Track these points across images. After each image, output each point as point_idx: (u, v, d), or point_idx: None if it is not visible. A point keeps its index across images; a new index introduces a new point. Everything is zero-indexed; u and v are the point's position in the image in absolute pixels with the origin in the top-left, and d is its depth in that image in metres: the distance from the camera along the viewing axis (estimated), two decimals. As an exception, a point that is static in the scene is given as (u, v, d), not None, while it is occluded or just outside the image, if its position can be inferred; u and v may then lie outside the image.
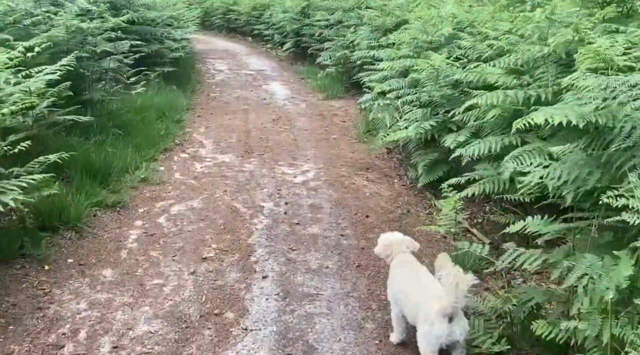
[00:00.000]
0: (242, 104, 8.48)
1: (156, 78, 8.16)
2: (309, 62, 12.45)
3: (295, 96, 9.35)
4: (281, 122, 7.45)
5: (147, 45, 8.38)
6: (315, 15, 11.91)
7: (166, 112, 6.82)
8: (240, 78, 10.92)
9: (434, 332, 2.32)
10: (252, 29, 16.74)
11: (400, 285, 2.69)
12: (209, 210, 4.35)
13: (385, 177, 5.36)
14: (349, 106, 8.66)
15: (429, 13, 6.52)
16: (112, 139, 5.25)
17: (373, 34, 8.93)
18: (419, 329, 2.43)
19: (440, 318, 2.29)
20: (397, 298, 2.69)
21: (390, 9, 9.39)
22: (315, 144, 6.47)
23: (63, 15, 4.83)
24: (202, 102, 8.46)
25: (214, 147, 6.16)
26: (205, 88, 9.64)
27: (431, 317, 2.33)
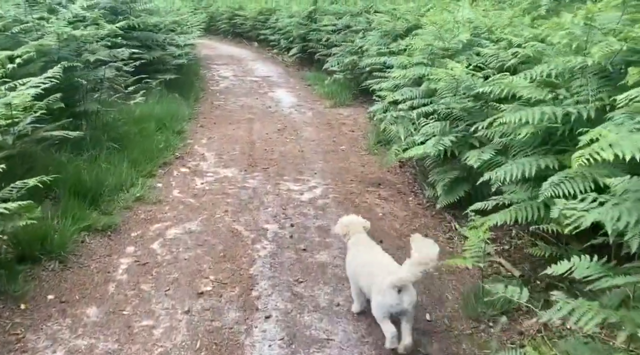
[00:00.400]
0: (246, 113, 8.10)
1: (158, 86, 7.80)
2: (316, 68, 12.07)
3: (301, 104, 8.95)
4: (287, 132, 7.05)
5: (149, 51, 8.04)
6: (322, 20, 11.53)
7: (167, 123, 6.44)
8: (245, 85, 10.54)
9: (385, 301, 2.58)
10: (258, 34, 16.39)
11: (357, 260, 2.97)
12: (208, 233, 3.95)
13: (399, 194, 4.94)
14: (357, 114, 8.26)
15: (444, 18, 6.11)
16: (106, 153, 4.87)
17: (383, 39, 8.52)
18: (373, 299, 2.68)
19: (390, 290, 2.55)
20: (355, 272, 2.95)
21: (400, 14, 8.98)
22: (323, 157, 6.07)
23: (54, 23, 4.46)
24: (205, 111, 8.08)
25: (216, 160, 5.77)
26: (209, 96, 9.27)
27: (383, 288, 2.57)
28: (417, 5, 9.41)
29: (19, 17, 4.55)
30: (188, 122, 7.27)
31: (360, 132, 7.18)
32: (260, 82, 10.90)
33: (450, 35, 5.75)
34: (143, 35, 8.00)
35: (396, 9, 9.60)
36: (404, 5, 10.33)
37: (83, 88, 4.92)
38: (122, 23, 5.06)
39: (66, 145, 4.49)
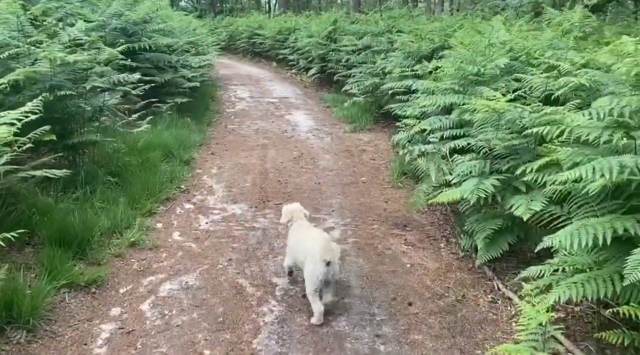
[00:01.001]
0: (261, 138, 7.58)
1: (168, 110, 7.35)
2: (335, 89, 11.55)
3: (319, 128, 8.40)
4: (303, 161, 6.48)
5: (161, 74, 7.62)
6: (342, 40, 11.03)
7: (175, 151, 5.94)
8: (261, 107, 10.06)
9: (316, 270, 3.00)
10: (277, 54, 16.02)
11: (295, 239, 3.37)
12: (207, 290, 3.36)
13: (428, 238, 4.30)
14: (379, 140, 7.65)
15: (477, 40, 5.51)
16: (103, 189, 4.35)
17: (406, 61, 7.95)
18: (305, 269, 3.08)
19: (320, 263, 2.97)
20: (292, 250, 3.39)
21: (425, 34, 8.42)
22: (342, 190, 5.47)
23: (48, 47, 4.00)
24: (218, 136, 7.58)
25: (224, 193, 5.22)
26: (224, 119, 8.79)
27: (315, 259, 3.00)
28: (443, 25, 8.84)
29: (10, 42, 4.09)
30: (199, 148, 6.77)
31: (382, 161, 6.56)
32: (277, 104, 10.41)
33: (484, 58, 5.15)
34: (155, 56, 7.59)
35: (420, 28, 9.05)
36: (428, 25, 9.78)
37: (80, 117, 4.44)
38: (123, 47, 4.59)
39: (57, 182, 3.99)
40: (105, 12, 6.92)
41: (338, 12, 15.00)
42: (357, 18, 12.97)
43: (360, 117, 8.64)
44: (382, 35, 10.25)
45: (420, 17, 11.97)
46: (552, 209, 3.10)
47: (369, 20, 11.85)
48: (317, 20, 14.59)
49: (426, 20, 11.41)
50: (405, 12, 12.38)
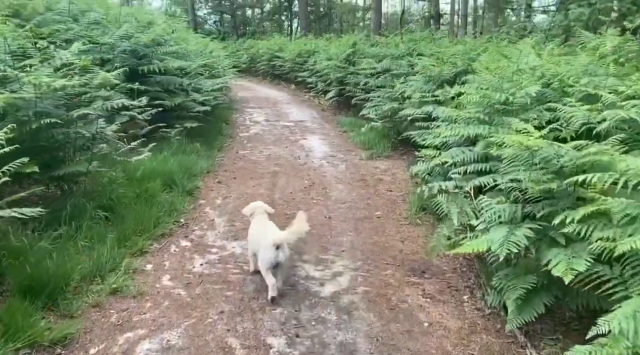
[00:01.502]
0: (272, 165, 7.16)
1: (177, 135, 7.01)
2: (353, 112, 11.14)
3: (334, 154, 7.95)
4: (314, 191, 6.01)
5: (171, 97, 7.32)
6: (361, 63, 10.66)
7: (177, 180, 5.54)
8: (276, 131, 9.69)
9: (267, 254, 3.41)
10: (296, 76, 15.78)
11: (253, 230, 3.80)
12: (191, 352, 2.88)
13: (450, 288, 3.74)
14: (397, 168, 7.14)
15: (504, 65, 5.01)
16: (91, 224, 3.96)
17: (427, 85, 7.48)
18: (259, 255, 3.51)
19: (271, 246, 3.39)
20: (251, 240, 3.80)
21: (447, 57, 7.96)
22: (354, 226, 4.97)
23: (36, 71, 3.68)
24: (227, 163, 7.19)
25: (226, 228, 4.77)
26: (236, 144, 8.43)
27: (266, 245, 3.42)
28: (466, 48, 8.36)
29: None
30: (205, 176, 6.37)
31: (400, 193, 6.04)
32: (292, 128, 10.03)
33: (512, 85, 4.64)
34: (165, 79, 7.31)
35: (442, 51, 8.59)
36: (450, 48, 9.31)
37: (71, 146, 4.08)
38: (119, 71, 4.24)
39: (38, 218, 3.60)
40: (115, 34, 6.68)
41: (359, 34, 14.68)
42: (377, 41, 12.61)
43: (378, 143, 8.17)
44: (402, 58, 9.83)
45: (443, 39, 11.52)
46: (599, 270, 2.54)
47: (389, 43, 11.47)
48: (336, 42, 14.30)
49: (448, 43, 10.95)
50: (427, 34, 11.97)
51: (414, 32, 13.21)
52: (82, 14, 7.11)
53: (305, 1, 25.71)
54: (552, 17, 9.32)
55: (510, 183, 3.26)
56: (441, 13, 16.66)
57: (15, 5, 6.16)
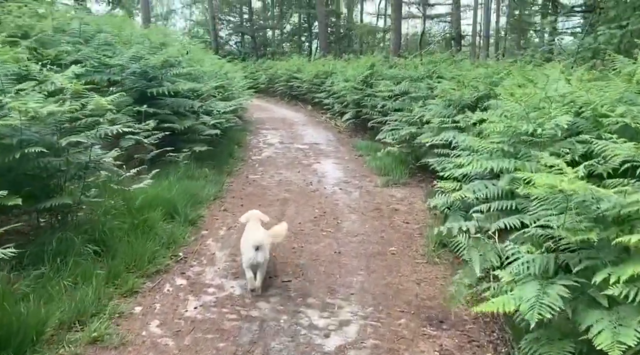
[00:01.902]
0: (282, 191, 6.81)
1: (185, 159, 6.75)
2: (370, 135, 10.79)
3: (348, 180, 7.57)
4: (325, 221, 5.63)
5: (181, 120, 7.10)
6: (378, 85, 10.36)
7: (180, 208, 5.23)
8: (290, 154, 9.38)
9: (247, 255, 3.79)
10: (313, 97, 15.57)
11: (243, 235, 4.09)
12: None
13: (471, 344, 3.29)
14: (414, 197, 6.72)
15: (530, 92, 4.60)
16: (78, 260, 3.64)
17: (447, 110, 7.10)
18: (242, 255, 3.90)
19: (251, 248, 3.76)
20: (241, 243, 4.07)
21: (468, 81, 7.57)
22: (366, 263, 4.56)
23: (24, 97, 3.43)
24: (236, 188, 6.88)
25: (227, 264, 4.41)
26: (247, 168, 8.13)
27: (247, 247, 3.81)
28: (488, 71, 7.96)
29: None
30: (211, 203, 6.06)
31: (417, 225, 5.61)
32: (306, 151, 9.72)
33: (539, 113, 4.23)
34: (175, 102, 7.10)
35: (463, 75, 8.21)
36: (471, 71, 8.93)
37: (62, 176, 3.81)
38: (115, 96, 3.96)
39: (18, 257, 3.30)
40: (124, 56, 6.51)
41: (377, 56, 14.43)
42: (396, 62, 12.32)
43: (395, 169, 7.77)
44: (421, 80, 9.48)
45: (464, 62, 11.15)
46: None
47: (408, 65, 11.15)
48: (354, 64, 14.07)
49: (470, 65, 10.58)
50: (448, 56, 11.62)
51: (434, 53, 12.88)
52: (94, 36, 6.98)
53: (325, 22, 25.74)
54: (580, 40, 8.87)
55: (541, 230, 2.83)
56: (462, 34, 16.31)
57: (25, 26, 6.04)
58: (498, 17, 31.20)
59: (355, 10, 35.52)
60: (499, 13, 31.13)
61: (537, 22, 30.37)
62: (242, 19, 33.83)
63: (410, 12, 27.71)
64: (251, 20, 33.31)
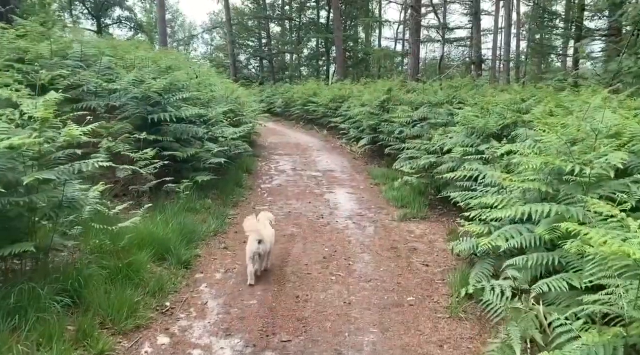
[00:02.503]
0: (291, 225, 6.24)
1: (186, 190, 6.25)
2: (386, 162, 10.21)
3: (363, 212, 6.97)
4: (335, 263, 5.02)
5: (183, 147, 6.64)
6: (395, 110, 9.82)
7: (173, 247, 4.69)
8: (301, 182, 8.84)
9: (251, 247, 4.35)
10: (329, 122, 15.11)
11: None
12: None
13: None
14: (434, 234, 6.07)
15: (570, 122, 3.98)
16: (43, 317, 3.11)
17: (470, 138, 6.50)
18: (247, 246, 4.40)
19: (254, 241, 4.35)
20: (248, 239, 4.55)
21: (492, 106, 6.98)
22: (379, 317, 3.91)
23: (-13, 126, 2.98)
24: (240, 221, 6.32)
25: (219, 316, 3.82)
26: (254, 198, 7.60)
27: (251, 240, 4.38)
28: (515, 97, 7.36)
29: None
30: (211, 240, 5.51)
31: (438, 269, 4.96)
32: (319, 179, 9.16)
33: (582, 147, 3.61)
34: (179, 128, 6.65)
35: (486, 100, 7.62)
36: (496, 96, 8.34)
37: (31, 217, 3.32)
38: (93, 125, 3.48)
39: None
40: (123, 80, 6.11)
41: (395, 80, 13.96)
42: (414, 87, 11.80)
43: (413, 201, 7.14)
44: (440, 106, 8.93)
45: (485, 86, 10.57)
46: None
47: (426, 89, 10.62)
48: (371, 88, 13.61)
49: (492, 90, 9.98)
50: (468, 81, 11.05)
51: (454, 78, 12.34)
52: (96, 60, 6.63)
53: (342, 47, 25.52)
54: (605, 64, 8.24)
55: (601, 306, 2.18)
56: (483, 58, 15.76)
57: (22, 49, 5.71)
58: (518, 41, 30.62)
59: (373, 35, 35.43)
60: (519, 37, 30.56)
61: (558, 46, 29.66)
62: (261, 44, 33.98)
63: (429, 35, 27.36)
64: (269, 44, 33.41)
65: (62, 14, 28.78)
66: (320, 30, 31.96)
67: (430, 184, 7.41)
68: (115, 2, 31.05)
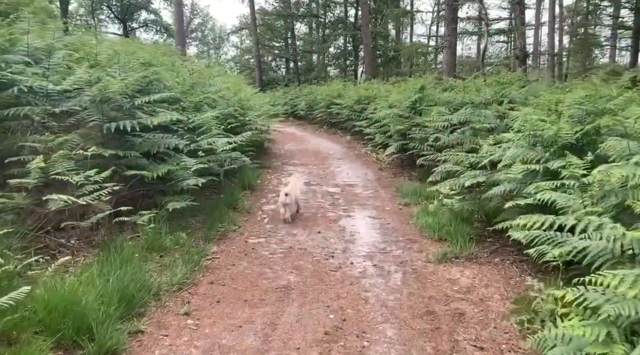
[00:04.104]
0: (288, 270, 4.55)
1: (152, 222, 4.67)
2: (419, 174, 8.41)
3: (387, 248, 5.22)
4: (341, 344, 3.29)
5: (155, 165, 5.09)
6: (429, 112, 8.01)
7: (97, 324, 3.09)
8: (314, 201, 7.15)
9: (281, 198, 5.89)
10: (353, 125, 13.38)
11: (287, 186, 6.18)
12: None
13: None
14: (487, 287, 4.26)
15: None
16: None
17: (534, 151, 4.67)
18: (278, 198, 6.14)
19: (284, 194, 5.87)
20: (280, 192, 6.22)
21: (564, 108, 5.10)
22: None
23: None
24: (222, 264, 4.68)
25: None
26: (250, 225, 5.96)
27: (282, 193, 5.92)
28: (590, 96, 5.42)
29: None
30: (169, 299, 3.86)
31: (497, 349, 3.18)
32: (337, 197, 7.46)
33: None
34: (150, 140, 5.10)
35: (553, 100, 5.70)
36: (561, 93, 6.41)
37: None
38: None
39: None
40: (71, 78, 4.60)
41: (429, 77, 12.10)
42: (451, 84, 9.91)
43: (454, 232, 5.35)
44: (487, 106, 7.06)
45: (539, 82, 8.58)
46: None
47: (467, 87, 8.72)
48: (401, 87, 11.78)
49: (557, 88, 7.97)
50: (519, 76, 9.06)
51: (499, 73, 10.38)
52: (50, 54, 5.15)
53: (370, 44, 23.69)
54: None
55: None
56: (528, 53, 13.66)
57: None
58: (561, 36, 28.11)
59: (405, 33, 33.35)
60: (562, 32, 27.99)
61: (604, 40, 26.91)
62: (287, 44, 32.53)
63: (465, 28, 25.13)
64: (294, 44, 31.89)
65: (87, 19, 28.20)
66: (348, 28, 30.16)
67: (477, 211, 5.60)
68: (141, 6, 30.28)
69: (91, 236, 4.59)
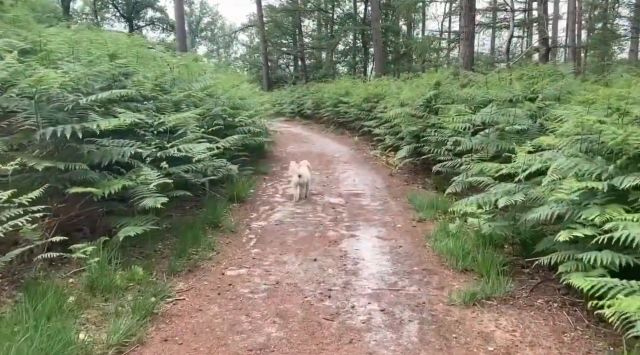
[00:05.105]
0: (269, 322, 3.43)
1: (98, 253, 3.60)
2: (435, 182, 7.27)
3: (398, 283, 4.09)
4: None
5: (108, 179, 4.03)
6: (446, 111, 6.83)
7: None
8: (312, 217, 6.04)
9: (295, 179, 6.54)
10: (362, 125, 12.24)
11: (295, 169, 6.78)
12: None
13: None
14: (533, 347, 3.13)
15: None
16: None
17: (591, 163, 3.52)
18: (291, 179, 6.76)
19: (297, 176, 6.53)
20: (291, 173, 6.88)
21: (620, 105, 3.92)
22: None
23: None
24: (184, 310, 3.58)
25: None
26: (232, 250, 4.86)
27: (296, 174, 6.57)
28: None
29: None
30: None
31: None
32: (339, 210, 6.34)
33: None
34: (99, 150, 4.04)
35: (599, 98, 4.48)
36: (609, 87, 5.20)
37: None
38: None
39: None
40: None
41: (444, 71, 10.90)
42: (471, 79, 8.72)
43: (484, 262, 4.20)
44: (516, 104, 5.88)
45: (572, 77, 7.35)
46: None
47: (489, 82, 7.52)
48: (413, 83, 10.60)
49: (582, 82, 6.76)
50: (551, 67, 7.82)
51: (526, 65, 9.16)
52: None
53: (381, 40, 22.46)
54: None
55: None
56: (550, 45, 12.35)
57: None
58: (580, 31, 26.75)
59: (417, 29, 31.98)
60: (580, 26, 26.62)
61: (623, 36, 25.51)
62: (295, 41, 31.41)
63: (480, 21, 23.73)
64: (301, 41, 30.74)
65: (92, 17, 27.40)
66: (357, 23, 28.91)
67: (512, 237, 4.45)
68: (147, 4, 29.40)
69: (20, 273, 3.55)
